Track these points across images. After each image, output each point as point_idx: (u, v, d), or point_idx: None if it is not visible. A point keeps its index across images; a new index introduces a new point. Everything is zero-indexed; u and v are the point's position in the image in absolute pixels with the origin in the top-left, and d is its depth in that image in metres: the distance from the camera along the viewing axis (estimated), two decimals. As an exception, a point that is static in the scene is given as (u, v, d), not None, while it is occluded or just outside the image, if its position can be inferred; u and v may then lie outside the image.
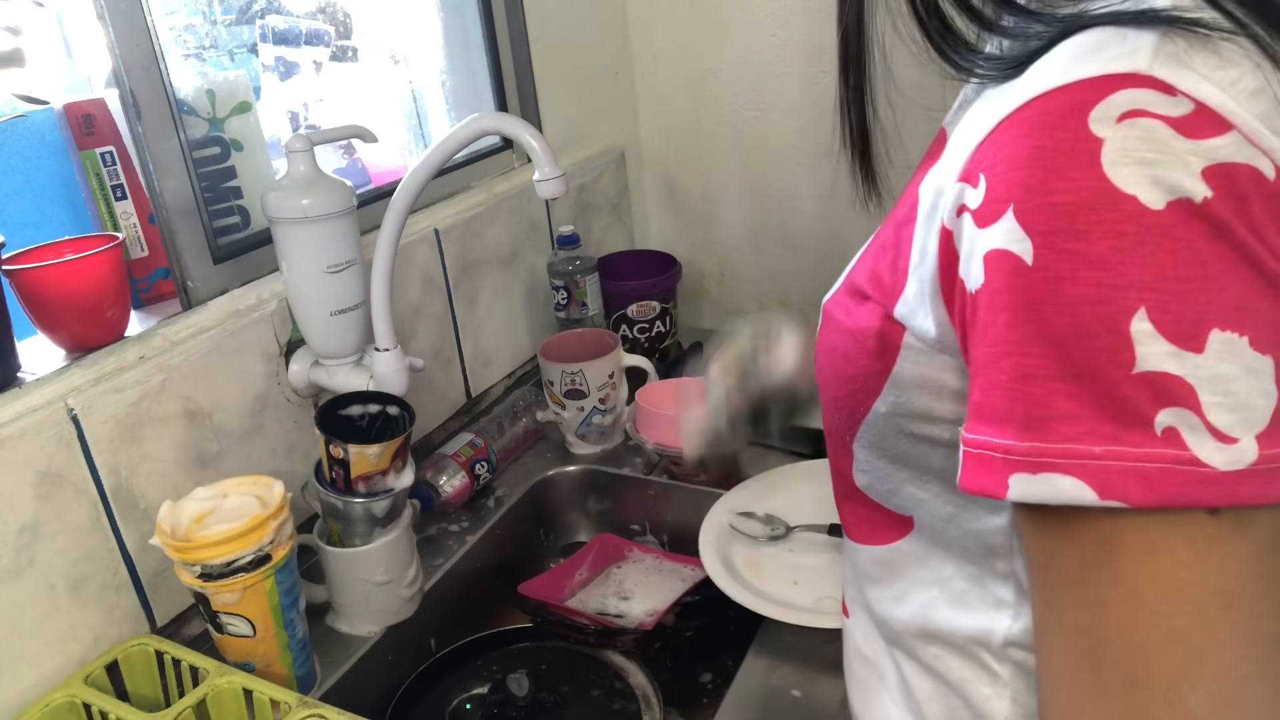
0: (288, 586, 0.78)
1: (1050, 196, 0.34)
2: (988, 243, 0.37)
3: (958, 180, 0.39)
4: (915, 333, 0.45)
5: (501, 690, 0.84)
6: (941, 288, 0.42)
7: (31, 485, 0.73)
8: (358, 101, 1.17)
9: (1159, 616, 0.35)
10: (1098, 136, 0.34)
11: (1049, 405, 0.35)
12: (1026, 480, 0.35)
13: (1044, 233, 0.35)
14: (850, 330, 0.50)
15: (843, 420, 0.53)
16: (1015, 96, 0.37)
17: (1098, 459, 0.34)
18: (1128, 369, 0.33)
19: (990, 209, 0.37)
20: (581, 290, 1.26)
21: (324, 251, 0.88)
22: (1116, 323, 0.33)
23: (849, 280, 0.52)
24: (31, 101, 0.87)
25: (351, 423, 0.88)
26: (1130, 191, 0.33)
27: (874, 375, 0.48)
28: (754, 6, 1.40)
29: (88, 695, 0.73)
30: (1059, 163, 0.34)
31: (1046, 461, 0.35)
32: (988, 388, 0.37)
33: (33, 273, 0.77)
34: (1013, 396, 0.36)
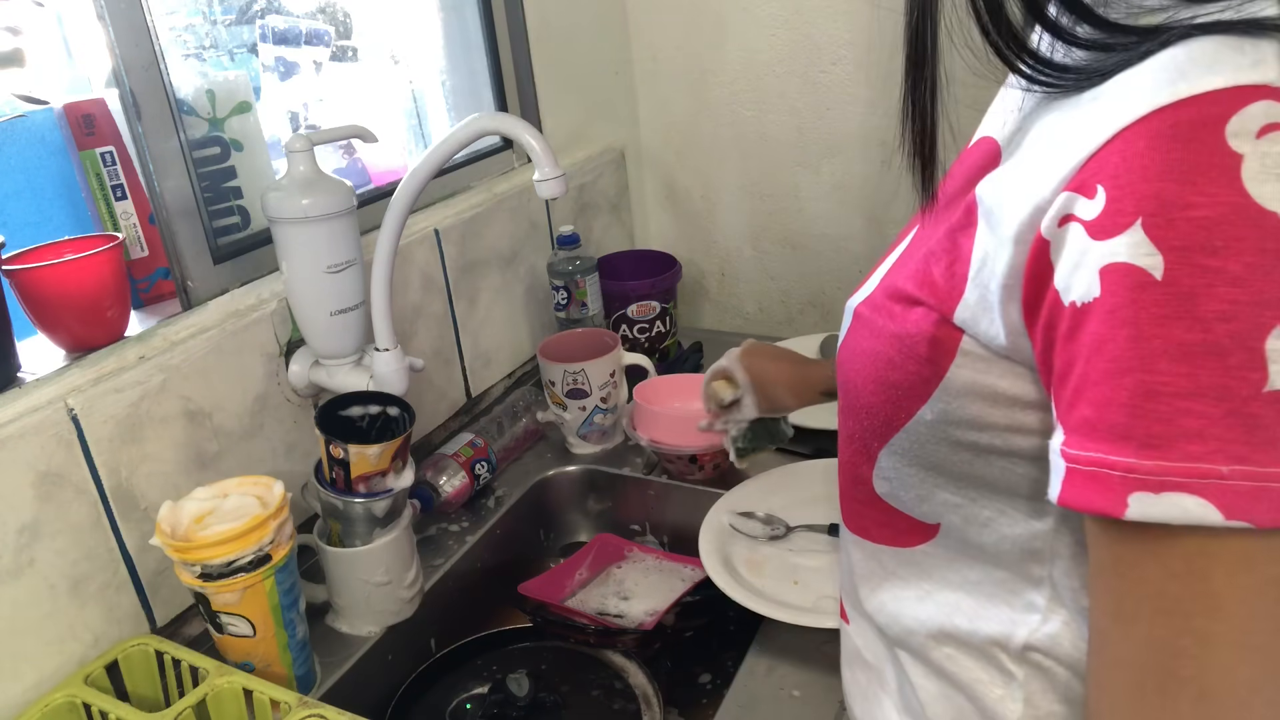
0: (288, 586, 0.78)
1: (1186, 211, 0.34)
2: (1107, 255, 0.35)
3: (1064, 190, 0.38)
4: (979, 338, 0.44)
5: (501, 690, 0.84)
6: (1024, 297, 0.41)
7: (31, 485, 0.73)
8: (358, 101, 1.17)
9: (1241, 632, 0.35)
10: (1237, 151, 0.33)
11: (1174, 423, 0.34)
12: (1149, 500, 0.35)
13: (1178, 248, 0.34)
14: (896, 335, 0.49)
15: (874, 426, 0.52)
16: (1126, 106, 0.36)
17: (1224, 479, 0.33)
18: (1259, 387, 0.33)
19: (1113, 221, 0.35)
20: (581, 290, 1.26)
21: (324, 251, 0.88)
22: (1251, 340, 0.33)
23: (888, 283, 0.51)
24: (31, 101, 0.87)
25: (351, 423, 0.88)
26: (1272, 209, 0.33)
27: (923, 381, 0.47)
28: (754, 6, 1.40)
29: (88, 695, 0.73)
30: (1195, 177, 0.33)
31: (1171, 481, 0.34)
32: (1104, 404, 0.36)
33: (33, 273, 0.77)
34: (1135, 414, 0.35)
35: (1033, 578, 0.49)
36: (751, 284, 1.60)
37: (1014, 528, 0.49)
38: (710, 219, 1.59)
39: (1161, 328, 0.34)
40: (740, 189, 1.54)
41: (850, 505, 0.59)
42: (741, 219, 1.56)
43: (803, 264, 1.54)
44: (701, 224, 1.60)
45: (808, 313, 1.57)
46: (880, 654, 0.59)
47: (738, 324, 1.64)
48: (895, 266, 0.52)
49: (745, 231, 1.56)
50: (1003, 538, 0.49)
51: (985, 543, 0.50)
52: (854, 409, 0.54)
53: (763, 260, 1.57)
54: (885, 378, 0.50)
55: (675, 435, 1.06)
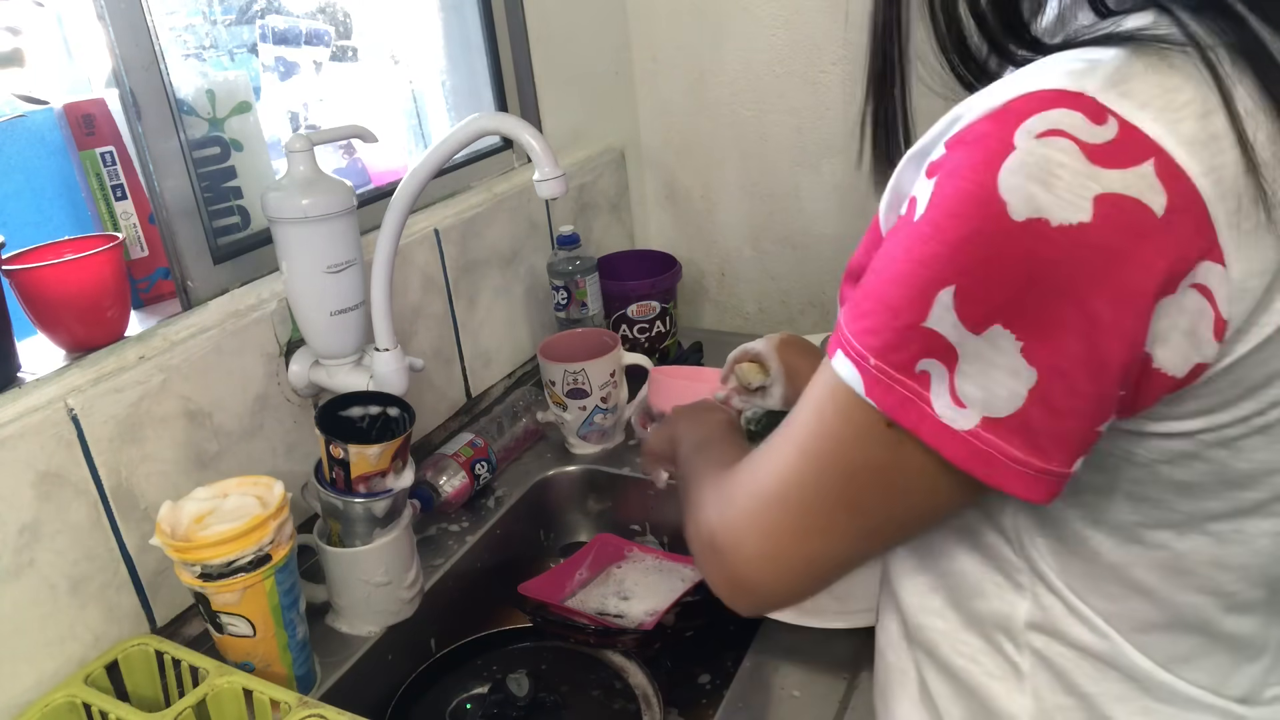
0: (288, 586, 0.78)
1: (956, 178, 0.40)
2: (916, 189, 0.43)
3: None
4: None
5: (501, 690, 0.84)
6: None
7: (31, 485, 0.73)
8: (358, 101, 1.17)
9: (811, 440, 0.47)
10: (1012, 144, 0.38)
11: (869, 317, 0.44)
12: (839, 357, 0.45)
13: (935, 203, 0.41)
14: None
15: None
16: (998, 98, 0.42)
17: (870, 369, 0.43)
18: (918, 320, 0.41)
19: (934, 166, 0.42)
20: (581, 290, 1.26)
21: (324, 251, 0.88)
22: (928, 288, 0.41)
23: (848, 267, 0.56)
24: (31, 101, 0.87)
25: (352, 423, 0.88)
26: (1005, 198, 0.38)
27: None
28: (754, 6, 1.40)
29: (87, 695, 0.73)
30: (976, 157, 0.40)
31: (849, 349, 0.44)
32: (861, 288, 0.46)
33: (33, 273, 0.77)
34: (857, 299, 0.45)
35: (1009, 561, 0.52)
36: (752, 284, 1.60)
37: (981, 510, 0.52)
38: (710, 219, 1.59)
39: (895, 250, 0.43)
40: (740, 189, 1.54)
41: None
42: (741, 219, 1.56)
43: (803, 264, 1.54)
44: (701, 224, 1.60)
45: (808, 313, 1.57)
46: (902, 653, 0.60)
47: (738, 324, 1.64)
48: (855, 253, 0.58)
49: (745, 231, 1.56)
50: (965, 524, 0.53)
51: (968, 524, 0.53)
52: None
53: (763, 260, 1.57)
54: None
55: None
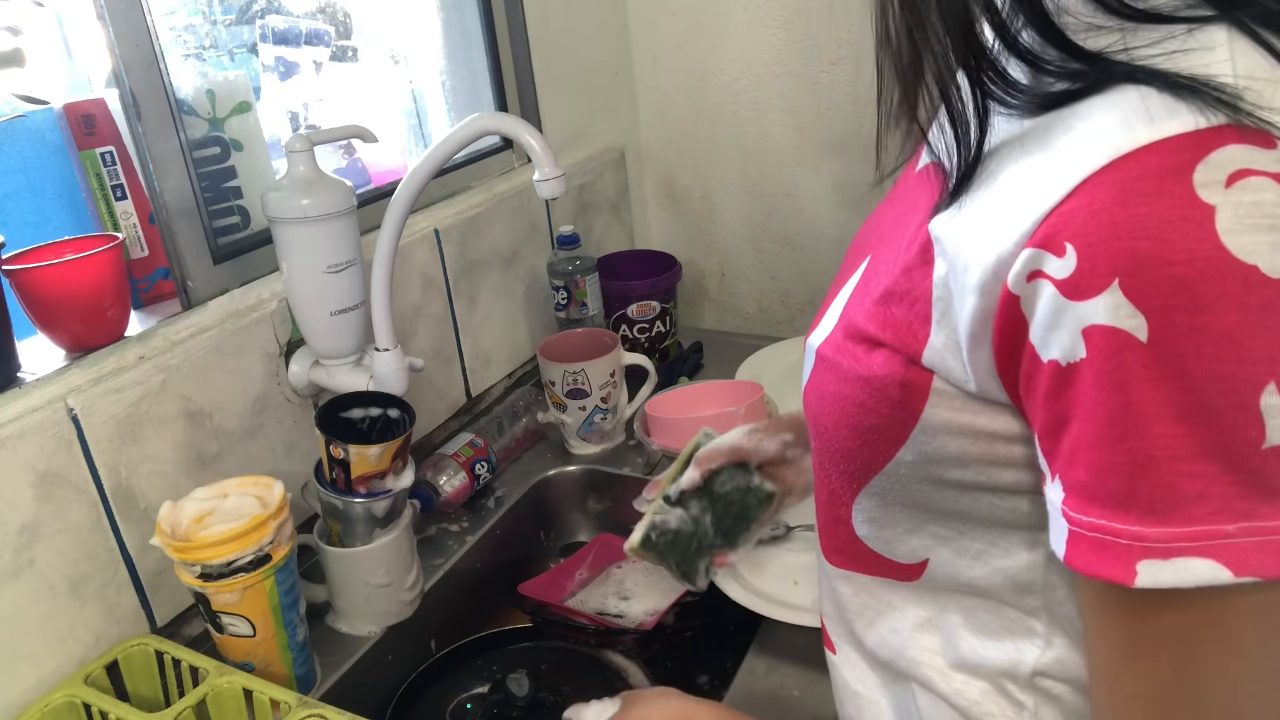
0: (288, 586, 0.78)
1: (1163, 269, 0.33)
2: (1087, 316, 0.35)
3: (1027, 245, 0.37)
4: (950, 379, 0.43)
5: (501, 690, 0.84)
6: (995, 347, 0.40)
7: (31, 485, 0.73)
8: (358, 101, 1.17)
9: (1263, 669, 0.36)
10: (1207, 203, 0.32)
11: (1176, 488, 0.34)
12: (1156, 566, 0.35)
13: (1160, 309, 0.33)
14: (863, 378, 0.47)
15: (852, 470, 0.51)
16: (1085, 154, 0.35)
17: (1230, 538, 0.33)
18: (1257, 445, 0.33)
19: (1088, 281, 0.34)
20: (581, 290, 1.26)
21: (324, 251, 0.88)
22: (1245, 398, 0.33)
23: (847, 321, 0.50)
24: (31, 101, 0.87)
25: (352, 424, 0.88)
26: (1251, 261, 0.32)
27: (899, 424, 0.46)
28: (754, 6, 1.40)
29: (88, 695, 0.73)
30: (1168, 233, 0.33)
31: (1178, 547, 0.34)
32: (1102, 470, 0.36)
33: (33, 273, 0.77)
34: (1134, 480, 0.35)
35: (1028, 607, 0.49)
36: (752, 284, 1.60)
37: (1006, 559, 0.48)
38: (710, 219, 1.59)
39: (1152, 391, 0.34)
40: (740, 189, 1.54)
41: (831, 542, 0.58)
42: (741, 219, 1.56)
43: (803, 264, 1.54)
44: (701, 224, 1.60)
45: (808, 313, 1.57)
46: (873, 684, 0.58)
47: (738, 324, 1.64)
48: (852, 302, 0.51)
49: (745, 231, 1.56)
50: (994, 570, 0.49)
51: (976, 575, 0.50)
52: (828, 453, 0.53)
53: (763, 260, 1.57)
54: (858, 422, 0.48)
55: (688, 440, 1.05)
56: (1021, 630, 0.49)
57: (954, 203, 0.42)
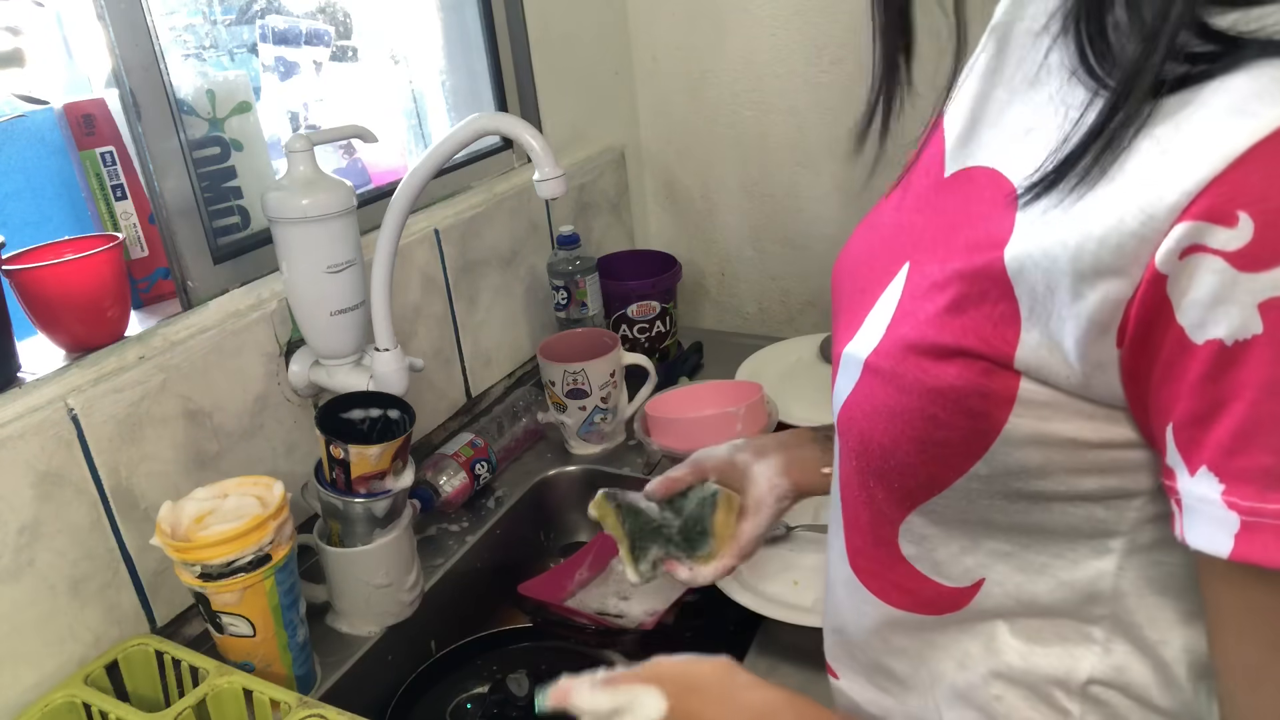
0: (288, 587, 0.78)
1: None
2: (1267, 289, 0.33)
3: (1182, 220, 0.34)
4: (1046, 379, 0.41)
5: (501, 690, 0.84)
6: (1130, 334, 0.37)
7: (31, 485, 0.73)
8: (358, 101, 1.17)
9: None
10: None
11: None
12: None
13: None
14: (935, 390, 0.45)
15: (910, 488, 0.49)
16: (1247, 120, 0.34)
17: None
18: None
19: (1270, 251, 0.33)
20: (581, 290, 1.26)
21: (324, 251, 0.88)
22: None
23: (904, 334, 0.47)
24: (31, 101, 0.87)
25: (352, 424, 0.88)
26: None
27: (977, 436, 0.44)
28: (754, 6, 1.40)
29: (88, 695, 0.73)
30: None
31: None
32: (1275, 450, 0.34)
33: (33, 273, 0.77)
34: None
35: (1091, 616, 0.47)
36: (752, 284, 1.60)
37: (1072, 571, 0.46)
38: (710, 219, 1.59)
39: None
40: (740, 189, 1.54)
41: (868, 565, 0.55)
42: (741, 219, 1.56)
43: (803, 264, 1.54)
44: (701, 224, 1.60)
45: (808, 313, 1.57)
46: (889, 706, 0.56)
47: (738, 324, 1.64)
48: (904, 311, 0.48)
49: (745, 231, 1.56)
50: (1060, 583, 0.47)
51: (1038, 591, 0.48)
52: (877, 471, 0.50)
53: (763, 260, 1.57)
54: (928, 437, 0.46)
55: (688, 440, 1.06)
56: (1077, 637, 0.48)
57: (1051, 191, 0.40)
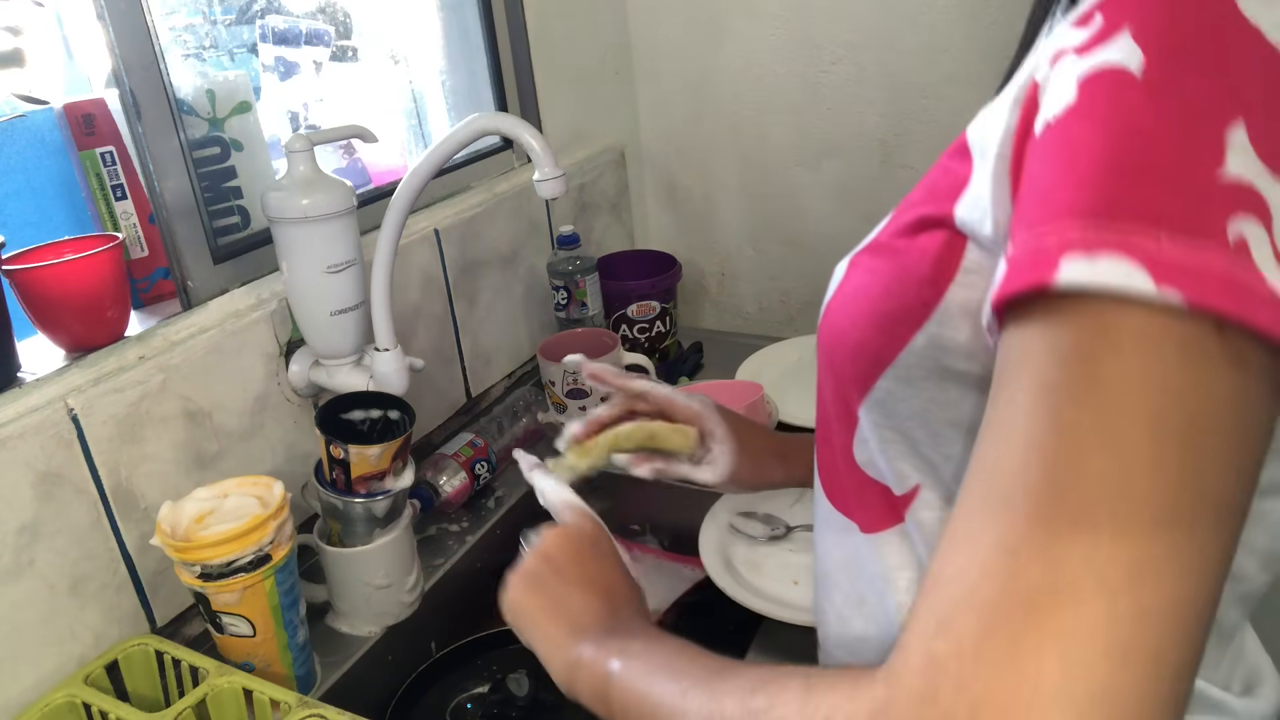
0: (288, 587, 0.78)
1: (1173, 16, 0.34)
2: (1089, 64, 0.35)
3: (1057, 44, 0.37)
4: (975, 235, 0.42)
5: (501, 690, 0.84)
6: (1012, 159, 0.39)
7: (31, 485, 0.73)
8: (358, 101, 1.17)
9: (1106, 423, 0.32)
10: None
11: (1128, 194, 0.32)
12: (1079, 263, 0.32)
13: (1160, 48, 0.33)
14: (900, 264, 0.47)
15: (860, 369, 0.50)
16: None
17: (1159, 249, 0.31)
18: (1212, 169, 0.32)
19: (1103, 35, 0.35)
20: (581, 290, 1.26)
21: (324, 251, 0.88)
22: (1214, 125, 0.32)
23: (892, 224, 0.49)
24: (31, 101, 0.87)
25: (352, 424, 0.88)
26: (1256, 24, 0.33)
27: (920, 305, 0.45)
28: (754, 6, 1.40)
29: (87, 695, 0.73)
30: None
31: (1109, 240, 0.32)
32: (1053, 187, 0.34)
33: (33, 273, 0.77)
34: (1085, 186, 0.33)
35: None
36: (752, 284, 1.60)
37: None
38: (710, 219, 1.59)
39: (1126, 113, 0.33)
40: (740, 189, 1.54)
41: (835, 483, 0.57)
42: (741, 219, 1.56)
43: (803, 264, 1.54)
44: (701, 224, 1.60)
45: (808, 313, 1.57)
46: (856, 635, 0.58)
47: (738, 324, 1.64)
48: (895, 214, 0.50)
49: (745, 231, 1.56)
50: None
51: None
52: (836, 362, 0.52)
53: (763, 260, 1.57)
54: (879, 309, 0.48)
55: None
56: None
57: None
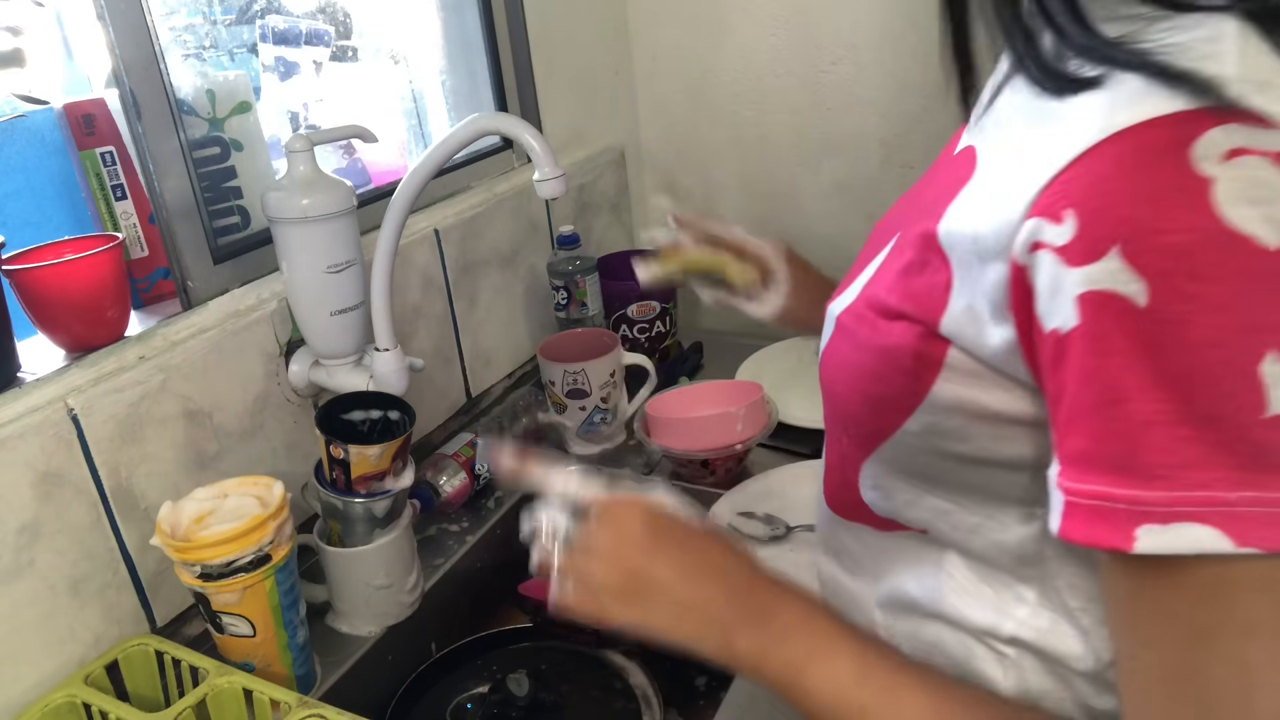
0: (288, 587, 0.78)
1: (1163, 237, 0.33)
2: (1083, 283, 0.35)
3: (1030, 215, 0.37)
4: (968, 349, 0.44)
5: (501, 690, 0.84)
6: (1016, 319, 0.40)
7: (31, 485, 0.73)
8: (358, 101, 1.17)
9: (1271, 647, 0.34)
10: (1205, 175, 0.33)
11: (1175, 453, 0.34)
12: (1157, 532, 0.34)
13: (1160, 274, 0.33)
14: (880, 348, 0.48)
15: (860, 437, 0.52)
16: (1086, 128, 0.36)
17: (1232, 505, 0.33)
18: (1258, 413, 0.33)
19: (1087, 247, 0.35)
20: (581, 290, 1.26)
21: (324, 251, 0.88)
22: (1245, 366, 0.33)
23: (870, 293, 0.51)
24: (31, 101, 0.86)
25: (352, 425, 0.88)
26: (1247, 231, 0.32)
27: (909, 395, 0.47)
28: (754, 6, 1.40)
29: (88, 695, 0.73)
30: (1168, 202, 0.33)
31: (1179, 511, 0.34)
32: (1100, 435, 0.36)
33: (33, 273, 0.77)
34: (1133, 444, 0.35)
35: (1022, 577, 0.49)
36: (751, 284, 1.60)
37: (1003, 533, 0.49)
38: (710, 219, 1.58)
39: (1151, 356, 0.34)
40: (740, 189, 1.54)
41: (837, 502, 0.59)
42: (741, 219, 1.55)
43: (803, 264, 1.53)
44: (701, 224, 1.60)
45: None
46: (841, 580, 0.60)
47: (738, 324, 1.63)
48: (877, 275, 0.52)
49: (745, 231, 1.56)
50: (991, 543, 0.49)
51: (973, 547, 0.51)
52: (839, 419, 0.54)
53: (763, 260, 1.57)
54: (870, 391, 0.49)
55: (688, 440, 1.06)
56: (1011, 597, 0.50)
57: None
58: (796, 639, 0.51)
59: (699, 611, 0.53)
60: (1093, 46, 0.38)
